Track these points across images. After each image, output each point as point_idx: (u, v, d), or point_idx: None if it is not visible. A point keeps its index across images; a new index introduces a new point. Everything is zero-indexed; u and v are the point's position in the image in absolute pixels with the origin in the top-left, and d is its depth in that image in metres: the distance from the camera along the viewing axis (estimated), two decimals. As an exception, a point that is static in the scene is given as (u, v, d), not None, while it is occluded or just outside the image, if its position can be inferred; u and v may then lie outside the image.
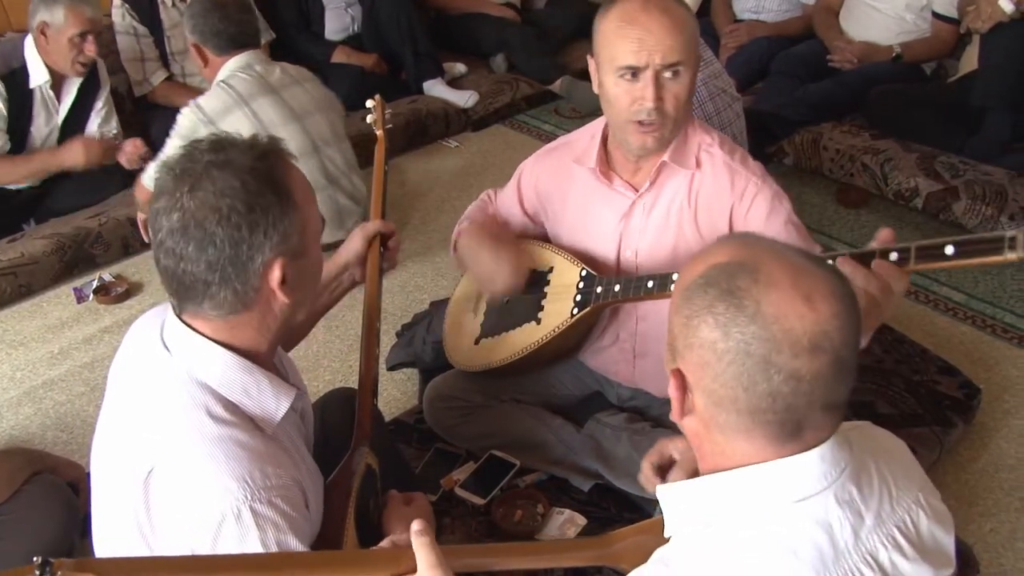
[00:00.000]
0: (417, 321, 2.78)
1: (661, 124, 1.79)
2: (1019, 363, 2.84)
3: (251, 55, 3.10)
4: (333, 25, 4.52)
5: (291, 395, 1.38)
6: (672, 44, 1.72)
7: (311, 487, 1.41)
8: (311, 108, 3.21)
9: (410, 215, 3.84)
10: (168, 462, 1.25)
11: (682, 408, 1.05)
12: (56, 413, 2.82)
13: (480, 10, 4.96)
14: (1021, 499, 2.37)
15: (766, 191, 1.85)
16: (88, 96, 3.54)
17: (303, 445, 1.49)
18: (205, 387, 1.30)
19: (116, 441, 1.35)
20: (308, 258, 1.36)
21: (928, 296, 3.17)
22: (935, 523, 1.11)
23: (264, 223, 1.26)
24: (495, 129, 4.60)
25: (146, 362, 1.36)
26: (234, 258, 1.26)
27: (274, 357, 1.46)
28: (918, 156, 3.47)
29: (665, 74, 1.75)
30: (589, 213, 2.03)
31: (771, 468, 1.00)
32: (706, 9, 4.53)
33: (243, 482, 1.23)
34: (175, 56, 3.97)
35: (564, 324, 2.00)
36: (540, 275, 2.10)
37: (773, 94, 3.93)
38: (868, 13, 3.97)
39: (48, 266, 3.37)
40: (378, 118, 2.22)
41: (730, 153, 1.90)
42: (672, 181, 1.91)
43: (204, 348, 1.32)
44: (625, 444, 2.05)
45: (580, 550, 1.41)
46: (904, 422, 2.34)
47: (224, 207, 1.24)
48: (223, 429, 1.27)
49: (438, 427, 2.28)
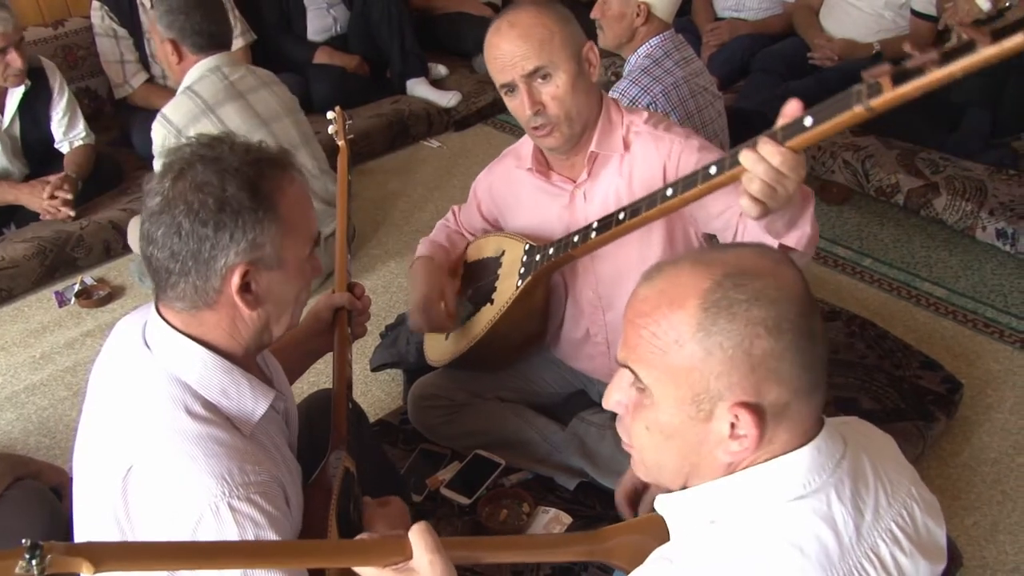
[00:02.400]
0: (401, 322, 2.78)
1: (553, 125, 1.89)
2: (1000, 357, 2.86)
3: (220, 57, 3.06)
4: (315, 25, 4.50)
5: (269, 397, 1.38)
6: (524, 54, 1.83)
7: (293, 487, 1.40)
8: (279, 112, 3.18)
9: (391, 214, 3.84)
10: (146, 460, 1.25)
11: (760, 437, 0.99)
12: (39, 418, 2.81)
13: (462, 9, 4.97)
14: (1003, 492, 2.39)
15: (691, 146, 1.90)
16: (38, 104, 3.50)
17: (286, 446, 1.48)
18: (184, 385, 1.30)
19: (96, 440, 1.34)
20: (285, 272, 1.34)
21: (910, 291, 3.19)
22: (927, 516, 1.12)
23: (231, 226, 1.25)
24: (477, 129, 4.61)
25: (127, 360, 1.36)
26: (196, 253, 1.26)
27: (256, 359, 1.46)
28: (899, 153, 3.49)
29: (535, 81, 1.85)
30: (537, 209, 2.10)
31: (768, 467, 1.01)
32: (687, 8, 4.54)
33: (221, 479, 1.23)
34: (155, 58, 3.94)
35: (511, 297, 2.05)
36: (494, 260, 2.16)
37: (754, 92, 3.95)
38: (848, 11, 4.00)
39: (29, 270, 3.35)
40: (339, 129, 2.27)
41: (655, 125, 1.95)
42: (607, 167, 1.97)
43: (184, 346, 1.32)
44: (609, 442, 2.06)
45: (572, 545, 1.41)
46: (887, 417, 2.35)
47: (196, 201, 1.25)
48: (201, 427, 1.26)
49: (423, 427, 2.29)
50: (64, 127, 3.57)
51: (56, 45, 4.04)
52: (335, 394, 1.72)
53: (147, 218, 1.29)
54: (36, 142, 3.53)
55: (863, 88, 1.21)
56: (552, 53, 1.83)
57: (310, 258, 1.40)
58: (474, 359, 2.17)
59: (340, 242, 2.06)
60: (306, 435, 1.69)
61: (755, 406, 0.97)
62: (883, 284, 3.24)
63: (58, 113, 3.55)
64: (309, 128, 3.36)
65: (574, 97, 1.87)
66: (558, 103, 1.86)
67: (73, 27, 4.12)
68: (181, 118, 2.98)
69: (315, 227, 1.40)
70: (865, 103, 1.21)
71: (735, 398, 0.97)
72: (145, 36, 3.90)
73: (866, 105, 1.21)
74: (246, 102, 3.08)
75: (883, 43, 3.90)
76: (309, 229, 1.38)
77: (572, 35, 1.87)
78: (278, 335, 1.41)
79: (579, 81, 1.87)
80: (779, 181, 1.34)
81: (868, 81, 1.19)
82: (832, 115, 1.27)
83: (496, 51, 1.87)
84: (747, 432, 0.98)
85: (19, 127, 3.49)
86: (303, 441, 1.65)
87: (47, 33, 4.03)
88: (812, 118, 1.31)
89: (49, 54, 3.81)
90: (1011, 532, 2.27)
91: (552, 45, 1.83)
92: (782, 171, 1.33)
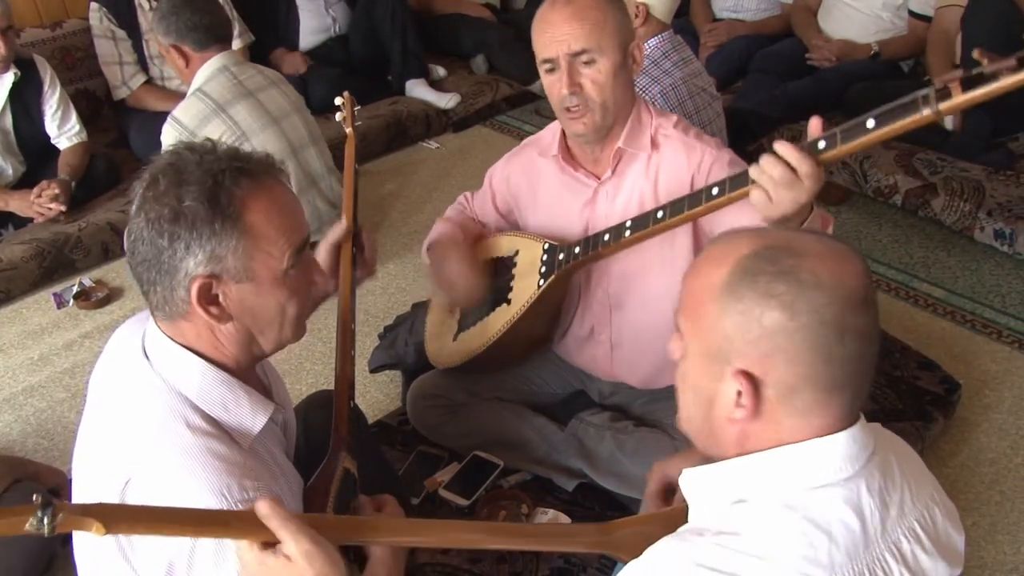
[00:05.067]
0: (399, 323, 2.77)
1: (586, 109, 1.87)
2: (998, 358, 2.86)
3: (225, 56, 3.08)
4: (312, 25, 4.48)
5: (269, 410, 1.37)
6: (574, 34, 1.82)
7: (291, 499, 1.40)
8: (288, 110, 3.20)
9: (390, 216, 3.84)
10: (145, 472, 1.24)
11: (755, 409, 1.01)
12: (37, 420, 2.80)
13: (459, 11, 4.97)
14: (1001, 493, 2.38)
15: (722, 159, 1.91)
16: (29, 95, 3.51)
17: (283, 456, 1.48)
18: (183, 398, 1.29)
19: (96, 449, 1.33)
20: (257, 285, 1.30)
21: (908, 292, 3.19)
22: (948, 520, 1.12)
23: (187, 237, 1.23)
24: (476, 130, 4.60)
25: (127, 371, 1.35)
26: (156, 263, 1.26)
27: (256, 369, 1.45)
28: (896, 153, 3.49)
29: (579, 62, 1.84)
30: (556, 202, 2.08)
31: (803, 448, 1.01)
32: (685, 8, 4.54)
33: (220, 495, 1.22)
34: (153, 59, 3.94)
35: (533, 296, 2.03)
36: (507, 260, 2.13)
37: (752, 92, 3.95)
38: (846, 12, 4.01)
39: (27, 272, 3.35)
40: (347, 115, 2.20)
41: (685, 131, 1.95)
42: (632, 167, 1.96)
43: (181, 358, 1.31)
44: (608, 443, 2.06)
45: (579, 536, 1.40)
46: (885, 418, 2.35)
47: (154, 211, 1.24)
48: (200, 440, 1.25)
49: (421, 426, 2.28)
50: (58, 121, 3.58)
51: (54, 47, 4.02)
52: (336, 394, 1.72)
53: (129, 223, 1.29)
54: (31, 138, 3.53)
55: (931, 92, 1.26)
56: (602, 38, 1.82)
57: (302, 270, 1.35)
58: (483, 361, 2.17)
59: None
60: (304, 436, 1.68)
61: (755, 378, 1.00)
62: (881, 284, 3.24)
63: (51, 107, 3.55)
64: (317, 127, 3.37)
65: (613, 86, 1.86)
66: (597, 88, 1.85)
67: (71, 28, 4.10)
68: (192, 119, 2.99)
69: (297, 238, 1.33)
70: (934, 107, 1.27)
71: (740, 364, 1.00)
72: (143, 37, 3.90)
73: (934, 109, 1.27)
74: (256, 100, 3.10)
75: (881, 44, 3.91)
76: (286, 240, 1.30)
77: (624, 25, 1.87)
78: (270, 349, 1.38)
79: (621, 72, 1.86)
80: None
81: (937, 86, 1.23)
82: (897, 118, 1.31)
83: (546, 24, 1.85)
84: (748, 404, 1.01)
85: (11, 120, 3.49)
86: (302, 442, 1.65)
87: (45, 34, 4.03)
88: (875, 120, 1.33)
89: (47, 55, 3.80)
90: (1010, 532, 2.27)
91: (604, 30, 1.82)
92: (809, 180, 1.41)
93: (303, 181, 3.20)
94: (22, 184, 3.55)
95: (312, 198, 3.24)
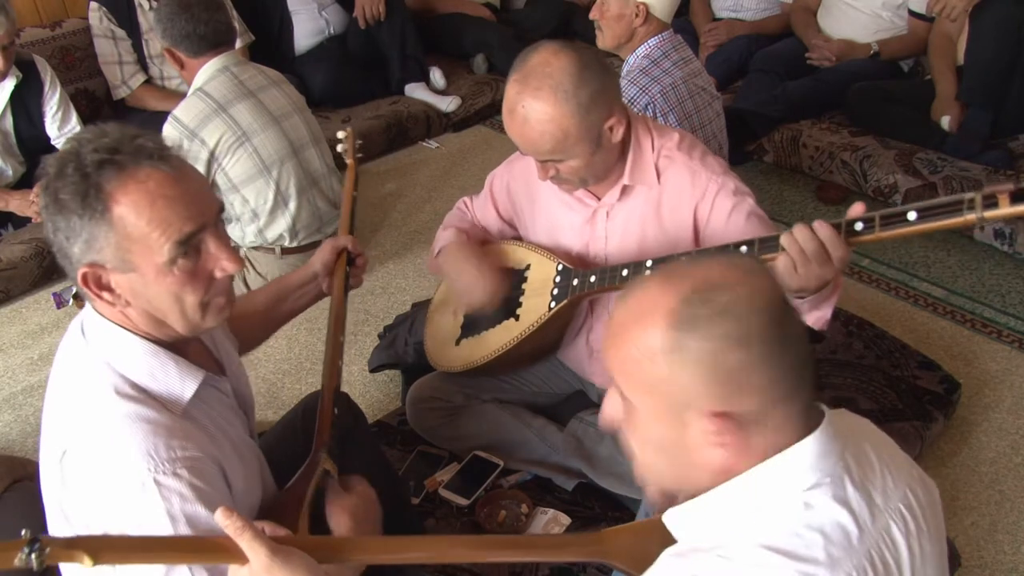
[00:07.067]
0: (399, 323, 2.77)
1: (570, 183, 1.89)
2: (998, 357, 2.86)
3: (226, 57, 3.07)
4: (307, 28, 4.46)
5: (198, 377, 1.38)
6: (533, 148, 1.81)
7: (238, 466, 1.41)
8: (289, 109, 3.20)
9: (390, 216, 3.84)
10: (78, 443, 1.28)
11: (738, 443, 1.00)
12: (36, 420, 2.80)
13: (459, 11, 4.96)
14: (1001, 492, 2.39)
15: (727, 188, 1.88)
16: (30, 97, 3.50)
17: (239, 428, 1.49)
18: (112, 370, 1.32)
19: (44, 427, 1.38)
20: (143, 276, 1.28)
21: (908, 292, 3.19)
22: (926, 493, 1.14)
23: (65, 228, 1.26)
24: (476, 130, 4.60)
25: (68, 350, 1.40)
26: (57, 249, 1.30)
27: (197, 340, 1.47)
28: (896, 153, 3.49)
29: (549, 164, 1.84)
30: (556, 215, 2.07)
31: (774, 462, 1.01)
32: (685, 8, 4.54)
33: (147, 455, 1.25)
34: (153, 59, 3.94)
35: (542, 318, 2.02)
36: (518, 273, 2.11)
37: (752, 92, 3.95)
38: (845, 11, 4.00)
39: (27, 271, 3.35)
40: (349, 148, 2.32)
41: (689, 152, 1.91)
42: (636, 194, 1.94)
43: (111, 332, 1.34)
44: (608, 443, 2.06)
45: (572, 545, 1.41)
46: (885, 417, 2.35)
47: (46, 201, 1.26)
48: (129, 406, 1.29)
49: (421, 429, 2.28)
50: (59, 122, 3.57)
51: (53, 46, 4.02)
52: (322, 399, 1.72)
53: None
54: (31, 139, 3.52)
55: (977, 198, 1.28)
56: (565, 148, 1.79)
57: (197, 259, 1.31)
58: (484, 370, 2.17)
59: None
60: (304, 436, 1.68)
61: (728, 414, 0.99)
62: (881, 284, 3.24)
63: (51, 108, 3.55)
64: (318, 127, 3.37)
65: (590, 168, 1.85)
66: (574, 172, 1.84)
67: (71, 28, 4.09)
68: (192, 119, 2.99)
69: (176, 230, 1.26)
70: (979, 213, 1.29)
71: (708, 407, 0.98)
72: (143, 37, 3.89)
73: (979, 215, 1.29)
74: (257, 100, 3.09)
75: (881, 43, 3.91)
76: (161, 233, 1.25)
77: (590, 126, 1.77)
78: (186, 331, 1.36)
79: (597, 155, 1.83)
80: None
81: (985, 192, 1.26)
82: (940, 217, 1.34)
83: (508, 131, 1.84)
84: (729, 439, 0.99)
85: (11, 122, 3.48)
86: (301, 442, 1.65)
87: (44, 34, 4.02)
88: (916, 214, 1.36)
89: (46, 55, 3.79)
90: (1009, 532, 2.27)
91: (565, 144, 1.78)
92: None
93: (304, 181, 3.20)
94: (22, 184, 3.54)
95: (313, 197, 3.24)
